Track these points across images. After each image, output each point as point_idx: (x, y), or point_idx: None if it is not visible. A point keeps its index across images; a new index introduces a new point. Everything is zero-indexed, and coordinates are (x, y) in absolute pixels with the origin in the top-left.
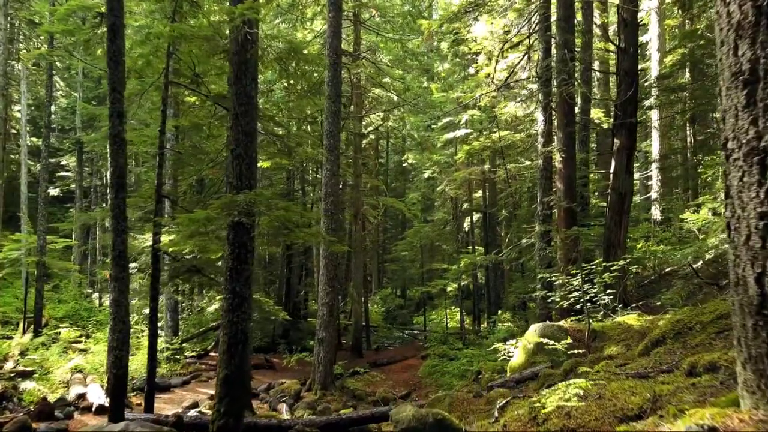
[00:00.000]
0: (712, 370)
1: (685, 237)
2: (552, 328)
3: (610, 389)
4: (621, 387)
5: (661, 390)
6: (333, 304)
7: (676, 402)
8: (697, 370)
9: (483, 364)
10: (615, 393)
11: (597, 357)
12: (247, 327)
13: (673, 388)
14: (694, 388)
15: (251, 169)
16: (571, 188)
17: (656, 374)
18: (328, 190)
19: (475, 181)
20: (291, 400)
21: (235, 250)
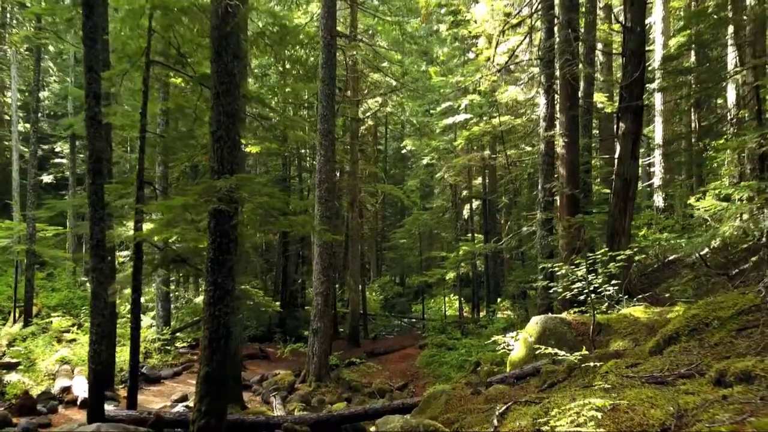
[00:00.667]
0: (746, 380)
1: (688, 224)
2: (554, 321)
3: (624, 398)
4: (638, 396)
5: (686, 403)
6: (328, 294)
7: (708, 420)
8: (726, 379)
9: (482, 354)
10: (631, 404)
11: (603, 353)
12: (230, 321)
13: (700, 401)
14: (727, 402)
15: (234, 153)
16: (574, 174)
17: (675, 379)
18: (322, 176)
19: (474, 167)
20: (284, 392)
21: (217, 239)
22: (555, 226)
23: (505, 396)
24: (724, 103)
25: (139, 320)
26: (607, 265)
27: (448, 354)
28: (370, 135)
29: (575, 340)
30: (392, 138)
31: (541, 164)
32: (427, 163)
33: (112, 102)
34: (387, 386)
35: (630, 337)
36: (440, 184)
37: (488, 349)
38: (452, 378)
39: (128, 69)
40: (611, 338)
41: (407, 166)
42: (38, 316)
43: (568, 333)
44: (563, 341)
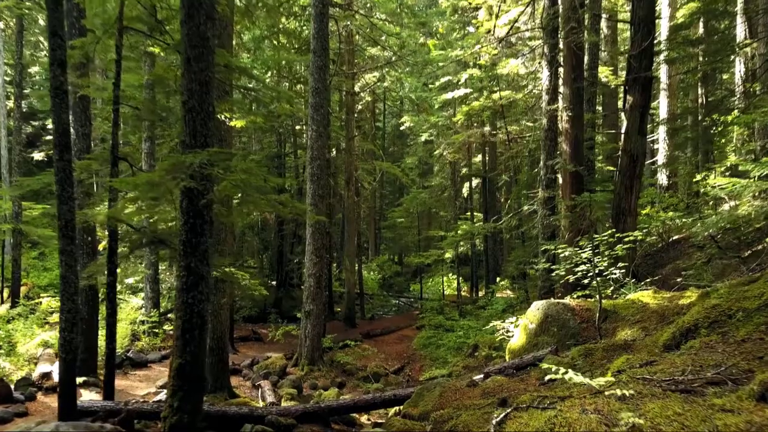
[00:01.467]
0: None
1: (693, 203)
2: (557, 307)
3: (645, 413)
4: (662, 412)
5: (725, 424)
6: (321, 275)
7: None
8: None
9: (480, 337)
10: (654, 422)
11: (611, 344)
12: (205, 309)
13: (744, 423)
14: None
15: (207, 125)
16: (578, 150)
17: (703, 387)
18: (314, 153)
19: (474, 144)
20: (275, 376)
21: (190, 220)
22: (557, 205)
23: (504, 389)
24: (730, 79)
25: (114, 305)
26: (614, 247)
27: (445, 336)
28: (367, 111)
29: (579, 328)
30: (391, 114)
31: (544, 140)
32: (425, 140)
33: (90, 73)
34: (382, 370)
35: (639, 325)
36: (439, 161)
37: (487, 331)
38: (449, 361)
39: (101, 37)
40: (618, 326)
41: (406, 144)
42: (28, 296)
43: (572, 320)
44: (566, 329)
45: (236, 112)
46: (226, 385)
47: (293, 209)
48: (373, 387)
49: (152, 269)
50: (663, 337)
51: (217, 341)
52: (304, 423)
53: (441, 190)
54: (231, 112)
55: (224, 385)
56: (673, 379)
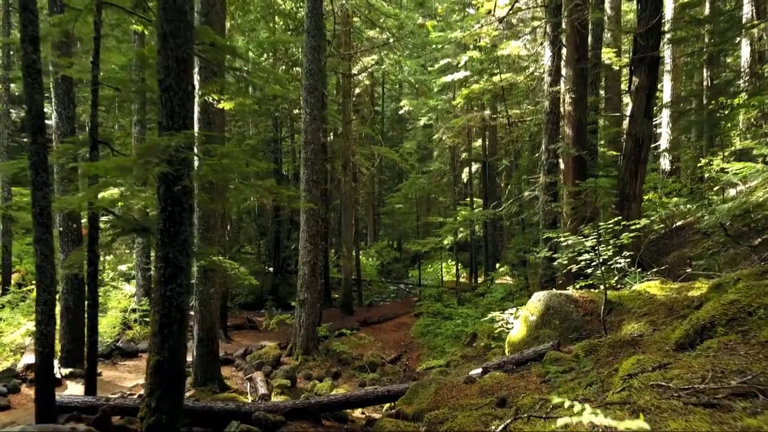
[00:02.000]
0: None
1: (697, 188)
2: (559, 298)
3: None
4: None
5: None
6: (315, 263)
7: None
8: None
9: (478, 325)
10: None
11: (617, 340)
12: (184, 303)
13: None
14: None
15: (186, 106)
16: (582, 133)
17: (729, 399)
18: (308, 136)
19: (474, 128)
20: (269, 367)
21: (168, 207)
22: (559, 191)
23: (503, 387)
24: (734, 62)
25: (96, 296)
26: (619, 236)
27: (443, 324)
28: (366, 95)
29: (582, 321)
30: (390, 98)
31: (545, 123)
32: (424, 124)
33: (74, 53)
34: (378, 359)
35: (646, 318)
36: (439, 146)
37: (485, 319)
38: (447, 351)
39: (80, 13)
40: (624, 319)
41: (405, 128)
42: (20, 284)
43: (575, 312)
44: (569, 321)
45: (225, 93)
46: (217, 377)
47: (280, 195)
48: (369, 377)
49: (143, 256)
50: (675, 334)
51: (206, 332)
52: (293, 419)
53: (440, 176)
54: (219, 94)
55: (214, 377)
56: (693, 387)
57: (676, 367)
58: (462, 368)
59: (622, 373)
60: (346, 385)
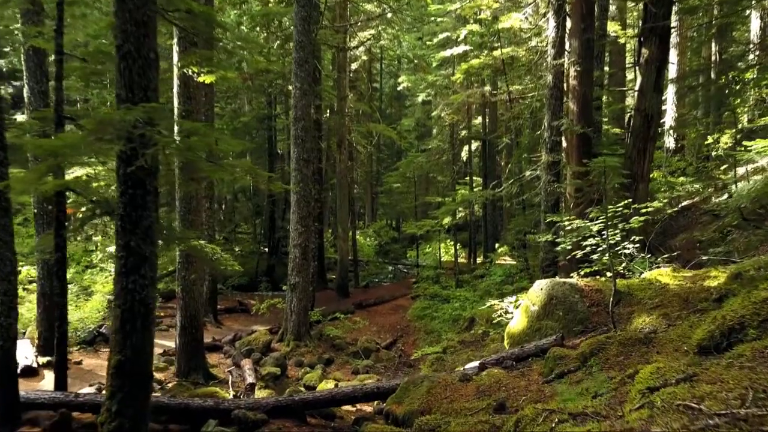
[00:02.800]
0: None
1: (704, 167)
2: (563, 287)
3: None
4: None
5: None
6: (307, 246)
7: None
8: None
9: (477, 309)
10: None
11: (628, 337)
12: (150, 296)
13: None
14: None
15: (147, 75)
16: (587, 109)
17: None
18: (298, 112)
19: (474, 105)
20: (258, 354)
21: (128, 190)
22: (562, 171)
23: (501, 387)
24: (741, 35)
25: (65, 283)
26: (629, 219)
27: (441, 307)
28: (363, 71)
29: (588, 312)
30: (388, 75)
31: (548, 98)
32: (423, 101)
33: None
34: (373, 344)
35: (659, 311)
36: (438, 123)
37: (484, 308)
38: (444, 336)
39: None
40: (634, 311)
41: (403, 105)
42: None
43: (579, 303)
44: (573, 313)
45: (204, 66)
46: (202, 366)
47: (258, 177)
48: (363, 364)
49: None
50: (697, 334)
51: (190, 319)
52: (276, 417)
53: (439, 154)
54: (199, 66)
55: (199, 366)
56: (731, 412)
57: (704, 380)
58: (459, 355)
59: (641, 384)
60: (339, 373)
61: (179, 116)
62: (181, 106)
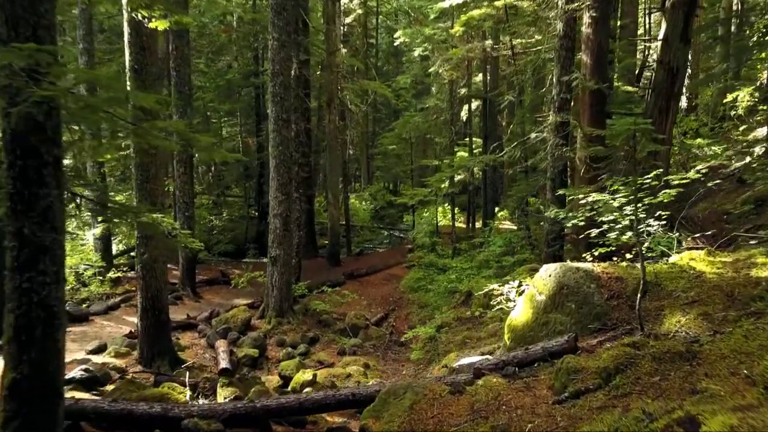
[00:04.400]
0: None
1: (720, 127)
2: (576, 274)
3: None
4: None
5: None
6: (288, 215)
7: None
8: None
9: (474, 282)
10: None
11: (665, 349)
12: (53, 296)
13: None
14: None
15: (37, 9)
16: (602, 62)
17: None
18: (276, 67)
19: (474, 61)
20: (236, 333)
21: (17, 161)
22: (572, 133)
23: (501, 405)
24: None
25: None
26: (658, 192)
27: (437, 277)
28: (359, 26)
29: (606, 306)
30: (385, 30)
31: (557, 50)
32: (420, 56)
33: None
34: (362, 320)
35: (697, 309)
36: (436, 81)
37: (482, 275)
38: (439, 311)
39: None
40: (663, 306)
41: (401, 62)
42: None
43: (596, 294)
44: (588, 306)
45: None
46: (167, 350)
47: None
48: (350, 343)
49: None
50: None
51: (152, 300)
52: (235, 426)
53: (437, 113)
54: (149, 9)
55: (165, 351)
56: None
57: None
58: (455, 334)
59: None
60: (323, 353)
61: (131, 70)
62: (132, 59)
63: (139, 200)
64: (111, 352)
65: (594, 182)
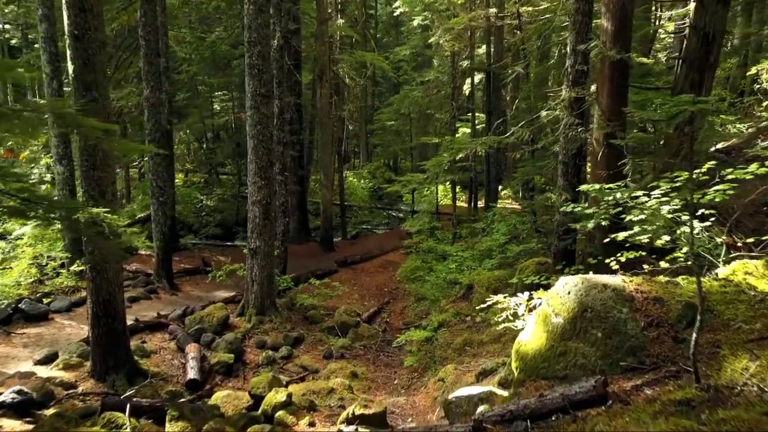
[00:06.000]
0: None
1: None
2: (603, 294)
3: None
4: None
5: None
6: (269, 203)
7: None
8: None
9: (476, 274)
10: None
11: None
12: None
13: None
14: None
15: None
16: (626, 28)
17: None
18: (253, 35)
19: (477, 31)
20: (211, 334)
21: None
22: (588, 110)
23: None
24: None
25: None
26: (704, 193)
27: (435, 266)
28: None
29: (643, 338)
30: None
31: (573, 14)
32: (419, 25)
33: None
34: (353, 317)
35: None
36: (438, 53)
37: (484, 267)
38: (437, 304)
39: None
40: (720, 341)
41: (401, 33)
42: None
43: (629, 320)
44: (619, 336)
45: None
46: (125, 361)
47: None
48: (338, 344)
49: (66, 187)
50: None
51: (104, 305)
52: None
53: (438, 87)
54: None
55: (121, 362)
56: None
57: None
58: (454, 336)
59: None
60: (308, 356)
61: (70, 36)
62: (71, 22)
63: (86, 190)
64: (60, 364)
65: (613, 168)
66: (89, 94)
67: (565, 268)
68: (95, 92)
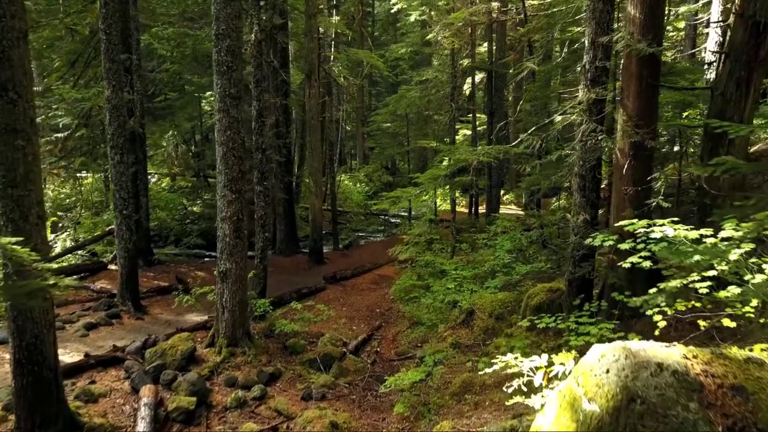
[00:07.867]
0: None
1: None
2: (657, 379)
3: None
4: None
5: None
6: (240, 219)
7: None
8: None
9: (477, 297)
10: None
11: None
12: None
13: None
14: None
15: None
16: (658, 15)
17: None
18: (221, 27)
19: (479, 28)
20: (172, 371)
21: None
22: (612, 113)
23: None
24: None
25: None
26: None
27: (433, 284)
28: None
29: None
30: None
31: (592, 1)
32: (416, 20)
33: None
34: (338, 347)
35: None
36: (436, 51)
37: (486, 288)
38: (435, 329)
39: None
40: None
41: (398, 30)
42: None
43: (701, 423)
44: None
45: None
46: (56, 415)
47: None
48: (320, 381)
49: None
50: None
51: (28, 351)
52: None
53: (436, 87)
54: None
55: (51, 417)
56: None
57: None
58: (454, 373)
59: None
60: (283, 397)
61: None
62: None
63: (3, 213)
64: None
65: (641, 183)
66: (4, 95)
67: (584, 303)
68: (12, 93)
